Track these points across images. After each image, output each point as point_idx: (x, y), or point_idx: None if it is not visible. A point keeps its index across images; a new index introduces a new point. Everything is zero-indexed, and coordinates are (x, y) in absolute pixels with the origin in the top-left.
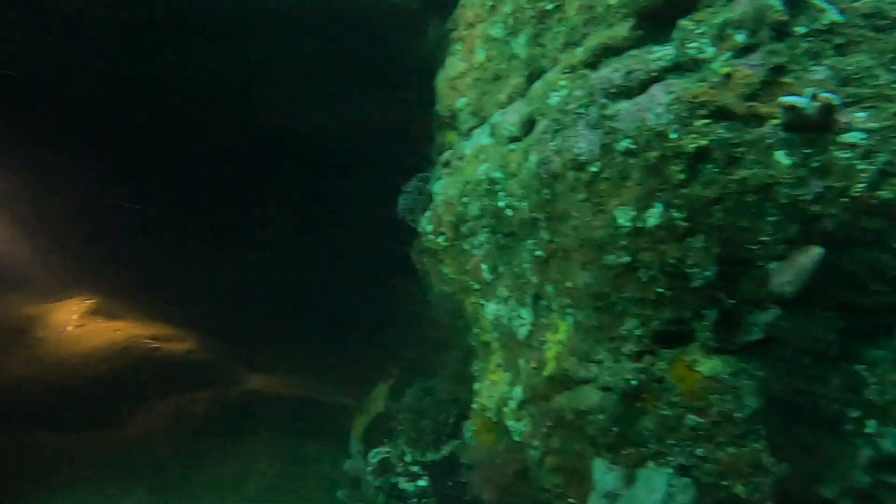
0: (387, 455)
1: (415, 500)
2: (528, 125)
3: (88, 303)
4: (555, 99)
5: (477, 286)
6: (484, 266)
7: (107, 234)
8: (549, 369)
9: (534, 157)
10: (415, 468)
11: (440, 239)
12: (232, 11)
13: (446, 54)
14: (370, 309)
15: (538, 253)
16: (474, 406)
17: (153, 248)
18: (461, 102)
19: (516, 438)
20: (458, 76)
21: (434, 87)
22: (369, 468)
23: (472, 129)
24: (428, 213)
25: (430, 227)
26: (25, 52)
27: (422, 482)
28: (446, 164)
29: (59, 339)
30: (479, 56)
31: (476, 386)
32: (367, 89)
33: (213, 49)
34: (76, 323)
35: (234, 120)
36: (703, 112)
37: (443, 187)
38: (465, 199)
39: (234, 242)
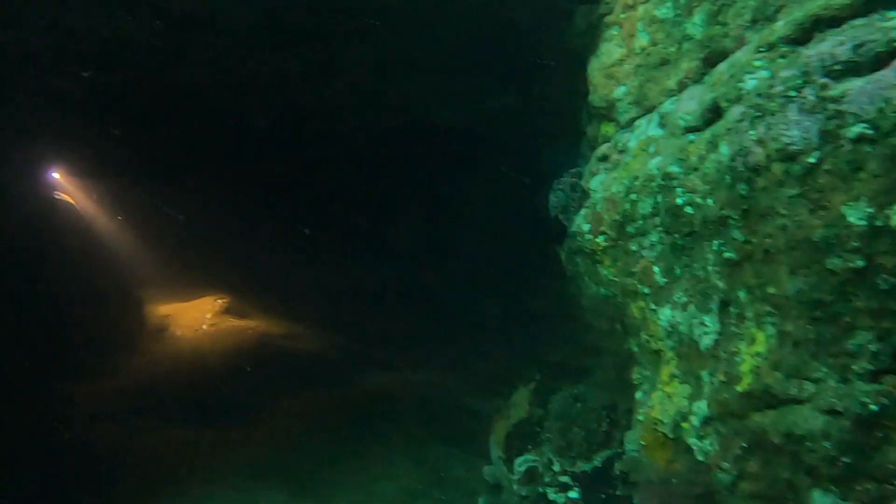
0: (534, 463)
1: None
2: (712, 113)
3: (220, 302)
4: (751, 82)
5: (647, 290)
6: (656, 268)
7: (237, 234)
8: (745, 384)
9: (725, 149)
10: (564, 478)
11: (599, 239)
12: (368, 9)
13: (599, 41)
14: (508, 309)
15: (728, 255)
16: (640, 418)
17: (281, 248)
18: (620, 91)
19: (700, 458)
20: (614, 63)
21: (585, 77)
22: (515, 476)
23: (633, 119)
24: (584, 212)
25: (586, 227)
26: (158, 61)
27: (573, 493)
28: (604, 159)
29: (195, 337)
30: (642, 40)
31: (638, 395)
32: (508, 82)
33: (349, 48)
34: (210, 322)
35: (368, 119)
36: None
37: (602, 183)
38: (632, 196)
39: (364, 241)
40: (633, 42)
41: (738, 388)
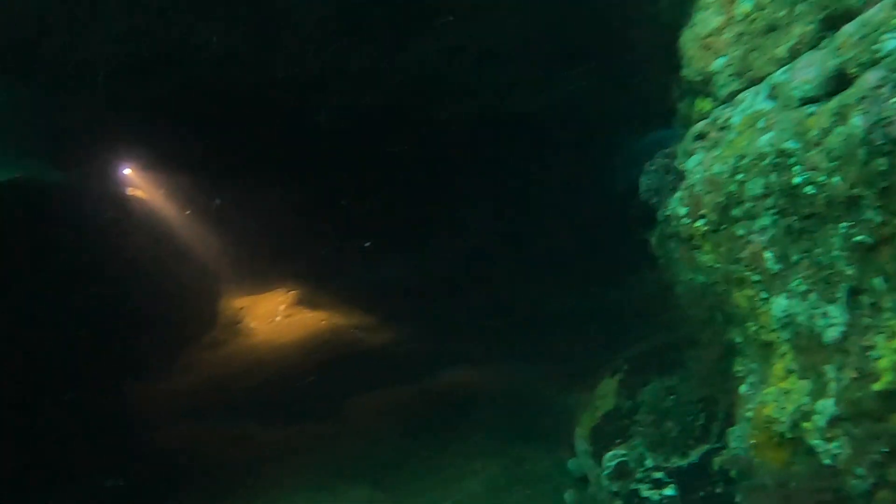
0: (624, 458)
1: None
2: (837, 81)
3: (293, 293)
4: (892, 42)
5: (756, 277)
6: (768, 254)
7: (308, 226)
8: (884, 382)
9: (857, 120)
10: (658, 474)
11: (699, 223)
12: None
13: (693, 10)
14: (590, 298)
15: (860, 238)
16: (749, 414)
17: (353, 239)
18: (719, 63)
19: (826, 461)
20: (712, 33)
21: (676, 50)
22: (605, 472)
23: (735, 93)
24: (679, 194)
25: (683, 210)
26: (228, 58)
27: (669, 491)
28: (701, 137)
29: (269, 329)
30: (745, 6)
31: (743, 389)
32: (585, 63)
33: (420, 37)
34: (284, 313)
35: (439, 108)
36: None
37: (701, 163)
38: (739, 177)
39: (438, 230)
40: (733, 8)
41: (875, 387)
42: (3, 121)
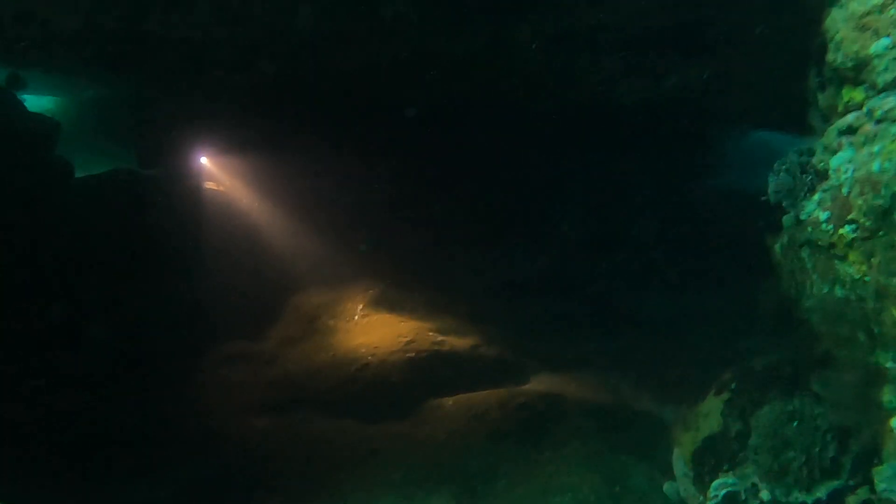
0: (734, 487)
1: None
2: None
3: (371, 292)
4: None
5: None
6: None
7: (388, 223)
8: None
9: None
10: None
11: (845, 229)
12: None
13: None
14: (694, 304)
15: None
16: None
17: (436, 236)
18: (880, 45)
19: None
20: (872, 11)
21: (816, 34)
22: (710, 501)
23: None
24: (819, 196)
25: (823, 215)
26: (322, 46)
27: None
28: (850, 131)
29: (347, 327)
30: None
31: (895, 423)
32: (698, 54)
33: (519, 25)
34: (362, 313)
35: (533, 100)
36: None
37: (851, 161)
38: None
39: (527, 229)
40: None
41: None
42: (98, 115)
